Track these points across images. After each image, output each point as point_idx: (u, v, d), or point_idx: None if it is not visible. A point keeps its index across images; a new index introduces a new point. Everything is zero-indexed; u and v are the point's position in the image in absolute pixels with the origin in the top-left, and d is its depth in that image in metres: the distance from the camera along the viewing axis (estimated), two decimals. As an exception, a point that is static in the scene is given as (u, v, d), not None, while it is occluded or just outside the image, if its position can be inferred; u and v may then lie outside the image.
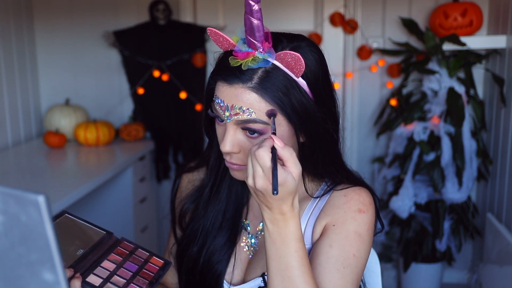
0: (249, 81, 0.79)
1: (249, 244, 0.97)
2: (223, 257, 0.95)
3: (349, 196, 0.90)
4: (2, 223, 0.47)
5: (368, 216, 0.89)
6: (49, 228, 0.46)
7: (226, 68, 0.81)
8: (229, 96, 0.80)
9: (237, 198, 0.98)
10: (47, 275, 0.48)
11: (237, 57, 0.80)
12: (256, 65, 0.78)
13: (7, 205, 0.46)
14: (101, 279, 0.84)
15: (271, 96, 0.79)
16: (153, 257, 0.93)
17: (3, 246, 0.48)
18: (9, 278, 0.49)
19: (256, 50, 0.79)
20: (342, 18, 2.68)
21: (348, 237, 0.86)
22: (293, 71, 0.80)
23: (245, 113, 0.79)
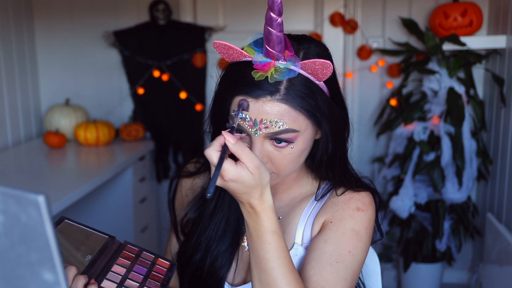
0: (276, 93, 0.78)
1: None
2: (225, 262, 0.95)
3: (350, 195, 0.91)
4: (2, 223, 0.47)
5: (367, 215, 0.89)
6: (49, 228, 0.46)
7: (249, 83, 0.79)
8: (257, 110, 0.78)
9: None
10: (47, 275, 0.48)
11: (259, 70, 0.78)
12: (282, 77, 0.77)
13: (7, 205, 0.46)
14: (115, 284, 0.84)
15: (300, 104, 0.79)
16: (159, 259, 0.93)
17: (3, 246, 0.48)
18: (9, 278, 0.49)
19: (277, 60, 0.78)
20: (342, 18, 2.68)
21: (345, 234, 0.87)
22: (317, 76, 0.80)
23: (277, 125, 0.79)
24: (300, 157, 0.85)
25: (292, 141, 0.81)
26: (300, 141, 0.82)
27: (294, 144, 0.82)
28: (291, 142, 0.81)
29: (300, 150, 0.84)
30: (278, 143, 0.81)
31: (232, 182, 0.73)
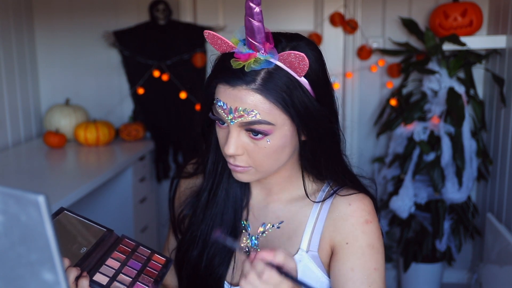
0: (252, 83, 0.79)
1: (249, 245, 0.96)
2: (223, 260, 0.95)
3: (354, 205, 0.90)
4: (2, 223, 0.47)
5: (375, 224, 0.90)
6: (49, 228, 0.46)
7: (227, 70, 0.81)
8: (232, 98, 0.80)
9: (236, 200, 0.98)
10: (47, 275, 0.48)
11: (239, 59, 0.80)
12: (259, 67, 0.78)
13: (7, 205, 0.46)
14: (107, 278, 0.84)
15: (275, 97, 0.79)
16: (155, 255, 0.93)
17: (3, 246, 0.48)
18: (9, 278, 0.49)
19: (258, 52, 0.79)
20: (342, 18, 2.68)
21: (365, 254, 0.88)
22: (296, 70, 0.80)
23: (250, 114, 0.79)
24: (278, 154, 0.84)
25: (267, 134, 0.81)
26: (276, 136, 0.82)
27: (270, 138, 0.81)
28: (267, 135, 0.81)
29: (277, 146, 0.83)
30: (255, 135, 0.81)
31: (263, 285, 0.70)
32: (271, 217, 0.95)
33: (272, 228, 0.95)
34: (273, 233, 0.94)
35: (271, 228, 0.95)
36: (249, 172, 0.86)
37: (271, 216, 0.96)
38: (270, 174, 0.90)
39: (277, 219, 0.95)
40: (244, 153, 0.84)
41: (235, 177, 0.89)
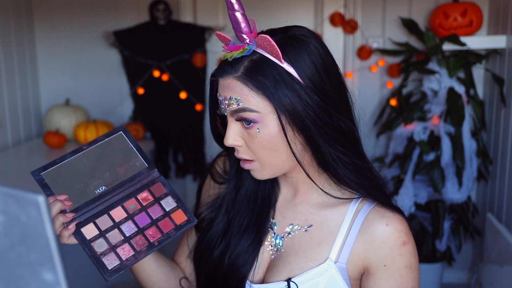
0: (235, 72, 0.83)
1: (273, 244, 0.95)
2: (248, 260, 0.94)
3: (392, 227, 0.87)
4: (2, 223, 0.47)
5: (411, 244, 0.89)
6: (49, 228, 0.46)
7: (220, 63, 0.87)
8: (223, 89, 0.85)
9: (264, 199, 0.97)
10: (47, 275, 0.48)
11: (226, 50, 0.84)
12: (240, 55, 0.82)
13: (7, 205, 0.46)
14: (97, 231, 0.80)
15: (256, 85, 0.81)
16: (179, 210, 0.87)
17: (3, 246, 0.48)
18: (9, 278, 0.49)
19: (245, 43, 0.82)
20: (342, 18, 2.68)
21: (402, 275, 0.88)
22: (274, 54, 0.81)
23: (234, 102, 0.83)
24: (274, 144, 0.84)
25: (256, 122, 0.83)
26: (265, 124, 0.83)
27: (260, 127, 0.83)
28: (256, 123, 0.83)
29: (269, 135, 0.83)
30: (247, 124, 0.84)
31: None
32: (300, 219, 0.94)
33: (299, 230, 0.93)
34: (300, 235, 0.93)
35: (298, 230, 0.93)
36: (257, 168, 0.88)
37: (299, 217, 0.94)
38: (284, 170, 0.89)
39: (306, 222, 0.93)
40: (243, 145, 0.86)
41: (253, 175, 0.90)
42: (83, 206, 0.80)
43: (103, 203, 0.82)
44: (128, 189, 0.84)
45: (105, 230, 0.81)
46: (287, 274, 0.89)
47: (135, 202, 0.84)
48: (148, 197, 0.86)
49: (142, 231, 0.83)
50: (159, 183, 0.88)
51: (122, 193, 0.84)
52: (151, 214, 0.84)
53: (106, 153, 0.85)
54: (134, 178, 0.85)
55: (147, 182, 0.87)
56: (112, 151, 0.86)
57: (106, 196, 0.82)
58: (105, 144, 0.85)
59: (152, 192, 0.87)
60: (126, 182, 0.84)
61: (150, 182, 0.87)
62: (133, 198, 0.84)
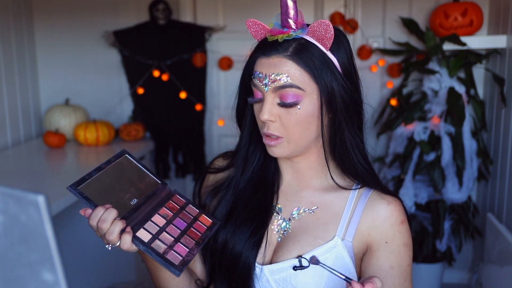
0: (285, 51, 0.88)
1: (280, 228, 0.99)
2: (254, 242, 0.97)
3: (392, 206, 0.96)
4: (2, 223, 0.47)
5: (407, 224, 0.97)
6: (49, 228, 0.46)
7: (264, 44, 0.91)
8: (268, 67, 0.89)
9: (267, 184, 1.01)
10: (47, 275, 0.48)
11: (274, 33, 0.90)
12: (291, 37, 0.88)
13: (7, 205, 0.46)
14: (150, 235, 0.84)
15: (306, 64, 0.87)
16: (202, 215, 0.94)
17: (3, 246, 0.48)
18: (9, 278, 0.49)
19: (291, 29, 0.89)
20: (342, 18, 2.68)
21: (401, 252, 0.95)
22: (323, 42, 0.89)
23: (282, 78, 0.87)
24: (308, 123, 0.90)
25: (298, 101, 0.88)
26: (306, 102, 0.89)
27: (301, 104, 0.88)
28: (297, 102, 0.88)
29: (307, 113, 0.89)
30: (286, 102, 0.88)
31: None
32: (305, 202, 0.99)
33: (305, 213, 0.98)
34: (307, 217, 0.98)
35: (304, 212, 0.98)
36: (281, 145, 0.92)
37: (304, 201, 0.99)
38: (301, 150, 0.94)
39: (311, 205, 0.98)
40: (276, 120, 0.90)
41: (269, 151, 0.94)
42: (127, 216, 0.84)
43: (141, 212, 0.86)
44: (155, 201, 0.90)
45: (156, 233, 0.85)
46: (298, 252, 0.94)
47: (166, 211, 0.90)
48: (175, 207, 0.92)
49: (184, 232, 0.89)
50: (175, 195, 0.95)
51: (153, 203, 0.90)
52: (184, 219, 0.91)
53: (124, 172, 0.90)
54: (155, 193, 0.91)
55: (166, 195, 0.93)
56: (127, 170, 0.91)
57: (141, 207, 0.87)
58: (118, 164, 0.90)
59: (175, 202, 0.93)
60: (151, 195, 0.90)
61: (169, 195, 0.94)
62: (163, 208, 0.90)
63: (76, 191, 0.82)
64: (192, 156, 2.91)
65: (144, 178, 0.92)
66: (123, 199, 0.86)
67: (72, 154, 2.57)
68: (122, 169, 0.90)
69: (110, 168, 0.89)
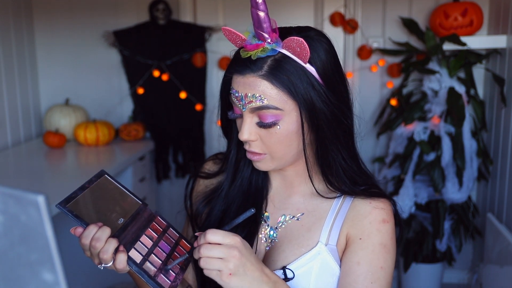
0: (259, 70, 0.84)
1: (267, 236, 0.98)
2: None
3: (374, 204, 0.93)
4: (2, 223, 0.47)
5: (391, 225, 0.93)
6: (49, 228, 0.46)
7: (238, 61, 0.87)
8: (243, 86, 0.85)
9: (256, 192, 1.00)
10: (47, 275, 0.48)
11: (247, 49, 0.85)
12: (264, 54, 0.83)
13: (7, 205, 0.46)
14: (141, 256, 0.82)
15: (281, 82, 0.83)
16: (182, 240, 0.93)
17: (3, 246, 0.48)
18: (9, 278, 0.49)
19: (265, 42, 0.84)
20: (342, 18, 2.68)
21: (374, 251, 0.89)
22: (299, 57, 0.84)
23: (257, 100, 0.84)
24: (290, 140, 0.87)
25: (277, 120, 0.85)
26: (286, 121, 0.85)
27: (280, 124, 0.85)
28: (276, 122, 0.85)
29: (288, 131, 0.86)
30: (265, 123, 0.86)
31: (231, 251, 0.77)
32: (292, 209, 0.98)
33: (291, 220, 0.97)
34: (292, 225, 0.96)
35: (291, 220, 0.97)
36: (265, 160, 0.90)
37: (291, 208, 0.98)
38: (287, 164, 0.93)
39: (298, 211, 0.97)
40: (257, 139, 0.88)
41: (255, 166, 0.92)
42: (117, 235, 0.82)
43: (129, 232, 0.85)
44: (140, 221, 0.89)
45: (146, 254, 0.84)
46: (282, 262, 0.93)
47: (151, 233, 0.89)
48: (158, 229, 0.90)
49: (169, 256, 0.87)
50: (157, 217, 0.93)
51: (138, 223, 0.88)
52: (168, 243, 0.90)
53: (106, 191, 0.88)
54: (138, 213, 0.90)
55: (149, 216, 0.91)
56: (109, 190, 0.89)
57: (128, 227, 0.85)
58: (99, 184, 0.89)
59: (157, 224, 0.92)
60: (135, 215, 0.89)
61: (152, 216, 0.92)
62: (148, 229, 0.89)
63: (66, 209, 0.80)
64: (192, 156, 2.91)
65: (126, 198, 0.91)
66: (110, 217, 0.84)
67: (72, 154, 2.57)
68: (104, 189, 0.88)
69: (93, 187, 0.87)
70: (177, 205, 2.74)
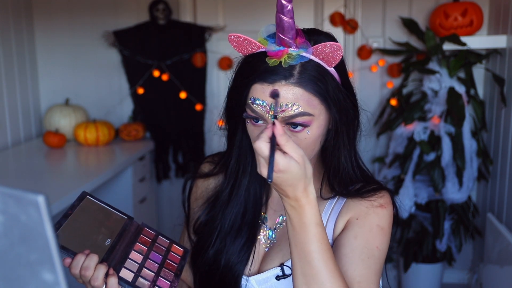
0: (290, 77, 0.81)
1: (266, 238, 0.98)
2: (243, 258, 0.96)
3: (371, 193, 0.93)
4: (2, 223, 0.47)
5: (389, 211, 0.92)
6: (49, 228, 0.46)
7: (263, 69, 0.82)
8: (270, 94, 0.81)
9: (256, 198, 0.99)
10: (47, 275, 0.48)
11: (273, 56, 0.81)
12: (295, 61, 0.81)
13: (7, 205, 0.46)
14: (132, 274, 0.84)
15: (313, 87, 0.82)
16: (173, 245, 0.93)
17: (3, 246, 0.48)
18: (9, 278, 0.49)
19: (289, 47, 0.81)
20: (342, 18, 2.68)
21: (372, 231, 0.89)
22: (328, 61, 0.83)
23: (293, 108, 0.81)
24: (315, 144, 0.87)
25: (307, 125, 0.83)
26: (315, 126, 0.84)
27: (310, 129, 0.84)
28: (307, 126, 0.83)
29: (315, 135, 0.85)
30: (294, 127, 0.83)
31: (281, 173, 0.73)
32: None
33: None
34: None
35: None
36: None
37: None
38: None
39: None
40: None
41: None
42: (106, 257, 0.83)
43: (117, 252, 0.86)
44: (127, 237, 0.90)
45: (137, 270, 0.85)
46: (280, 260, 0.93)
47: (141, 246, 0.89)
48: (147, 240, 0.91)
49: (162, 265, 0.88)
50: (144, 228, 0.94)
51: (126, 240, 0.89)
52: (158, 252, 0.90)
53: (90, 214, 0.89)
54: (125, 229, 0.90)
55: (136, 229, 0.92)
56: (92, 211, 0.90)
57: (116, 246, 0.86)
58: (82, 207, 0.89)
59: (146, 236, 0.92)
60: (121, 232, 0.89)
61: (139, 229, 0.93)
62: (136, 243, 0.89)
63: None
64: (192, 156, 2.91)
65: (111, 216, 0.91)
66: (97, 241, 0.85)
67: (72, 154, 2.57)
68: (88, 211, 0.89)
69: (76, 212, 0.88)
70: (177, 205, 2.75)
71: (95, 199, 0.92)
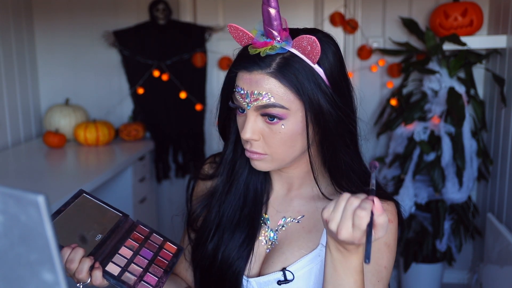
0: (267, 68, 0.82)
1: (267, 239, 0.97)
2: (242, 254, 0.95)
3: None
4: (2, 223, 0.47)
5: (395, 225, 0.93)
6: (49, 228, 0.46)
7: (245, 57, 0.85)
8: (249, 83, 0.83)
9: (256, 195, 0.99)
10: (47, 275, 0.48)
11: (256, 46, 0.83)
12: (274, 52, 0.82)
13: (7, 205, 0.46)
14: (119, 268, 0.85)
15: (289, 81, 0.82)
16: (167, 243, 0.94)
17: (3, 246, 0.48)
18: (9, 278, 0.49)
19: (274, 40, 0.83)
20: (342, 18, 2.68)
21: (380, 250, 0.89)
22: (309, 56, 0.82)
23: (264, 98, 0.82)
24: (293, 141, 0.86)
25: (282, 118, 0.83)
26: (291, 121, 0.84)
27: (285, 123, 0.84)
28: (282, 119, 0.83)
29: (291, 132, 0.84)
30: (270, 119, 0.84)
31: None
32: (292, 212, 0.97)
33: (292, 222, 0.96)
34: (292, 227, 0.95)
35: (291, 222, 0.96)
36: (265, 160, 0.88)
37: (291, 210, 0.97)
38: (287, 165, 0.91)
39: (298, 214, 0.96)
40: (260, 139, 0.87)
41: (252, 165, 0.91)
42: (94, 252, 0.85)
43: (107, 246, 0.87)
44: (119, 233, 0.91)
45: (125, 265, 0.86)
46: (282, 264, 0.92)
47: (132, 243, 0.91)
48: (140, 237, 0.93)
49: (152, 262, 0.90)
50: (139, 225, 0.95)
51: (118, 236, 0.90)
52: (150, 249, 0.92)
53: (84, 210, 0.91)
54: (118, 225, 0.92)
55: (130, 226, 0.94)
56: (87, 208, 0.92)
57: (106, 241, 0.88)
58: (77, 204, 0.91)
59: (139, 233, 0.94)
60: (114, 229, 0.91)
61: (133, 226, 0.94)
62: (128, 239, 0.91)
63: None
64: (192, 156, 2.91)
65: (106, 213, 0.92)
66: (87, 236, 0.87)
67: (72, 154, 2.57)
68: (82, 208, 0.91)
69: (70, 208, 0.90)
70: (177, 205, 2.74)
71: (92, 197, 0.93)
